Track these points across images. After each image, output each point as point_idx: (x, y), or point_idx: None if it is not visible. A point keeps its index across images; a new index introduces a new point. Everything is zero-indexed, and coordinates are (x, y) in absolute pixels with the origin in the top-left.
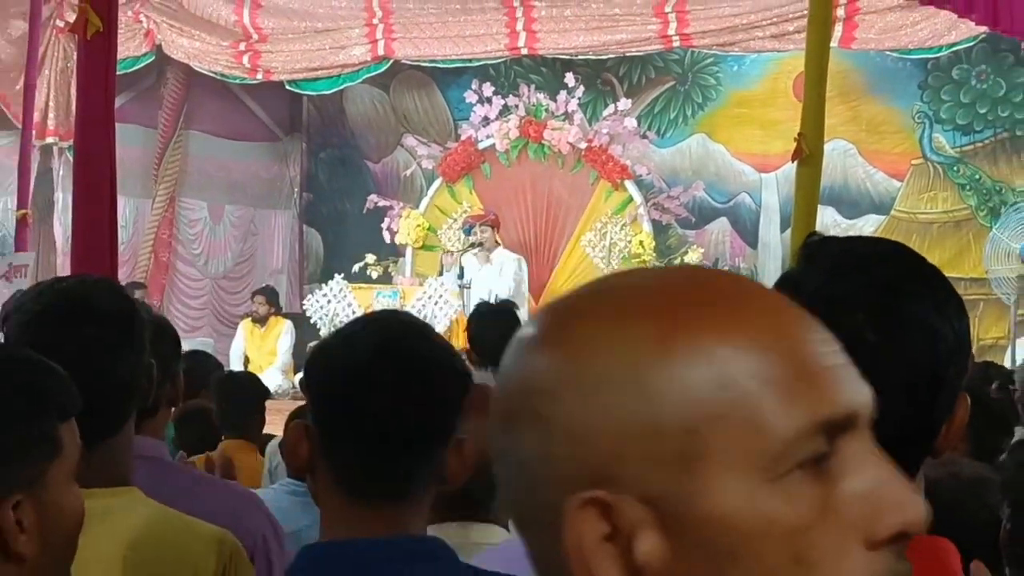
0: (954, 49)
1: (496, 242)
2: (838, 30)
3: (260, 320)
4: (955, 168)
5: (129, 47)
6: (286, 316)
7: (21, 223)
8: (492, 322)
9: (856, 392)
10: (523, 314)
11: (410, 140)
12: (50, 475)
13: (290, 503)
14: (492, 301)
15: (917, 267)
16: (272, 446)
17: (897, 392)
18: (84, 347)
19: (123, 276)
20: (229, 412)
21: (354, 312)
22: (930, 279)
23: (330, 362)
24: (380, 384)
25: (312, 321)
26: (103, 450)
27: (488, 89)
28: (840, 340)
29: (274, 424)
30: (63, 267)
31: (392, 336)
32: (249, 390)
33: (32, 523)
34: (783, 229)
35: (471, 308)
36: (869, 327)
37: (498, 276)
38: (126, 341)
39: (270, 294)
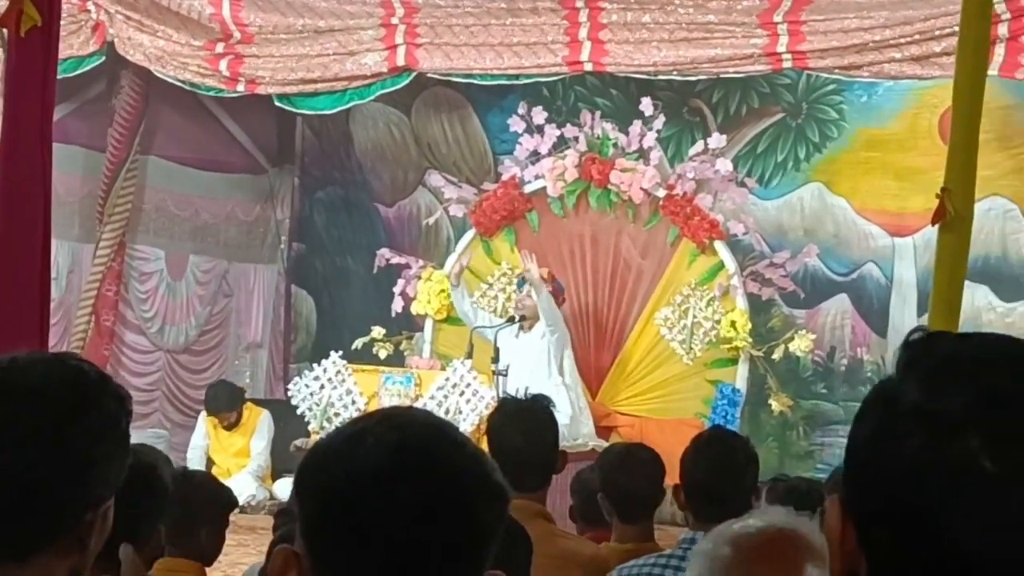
0: None
1: (538, 315)
2: (999, 53)
3: (230, 426)
4: None
5: (72, 44)
6: (263, 404)
7: None
8: (517, 425)
9: None
10: (565, 408)
11: (435, 179)
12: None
13: None
14: (521, 395)
15: None
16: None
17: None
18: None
19: (51, 345)
20: (170, 522)
21: (355, 402)
22: None
23: (332, 470)
24: (398, 503)
25: (299, 412)
26: None
27: (539, 115)
28: (950, 471)
29: (245, 547)
30: None
31: (414, 439)
32: (199, 492)
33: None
34: (921, 312)
35: None
36: (986, 454)
37: (536, 357)
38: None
39: (230, 397)
